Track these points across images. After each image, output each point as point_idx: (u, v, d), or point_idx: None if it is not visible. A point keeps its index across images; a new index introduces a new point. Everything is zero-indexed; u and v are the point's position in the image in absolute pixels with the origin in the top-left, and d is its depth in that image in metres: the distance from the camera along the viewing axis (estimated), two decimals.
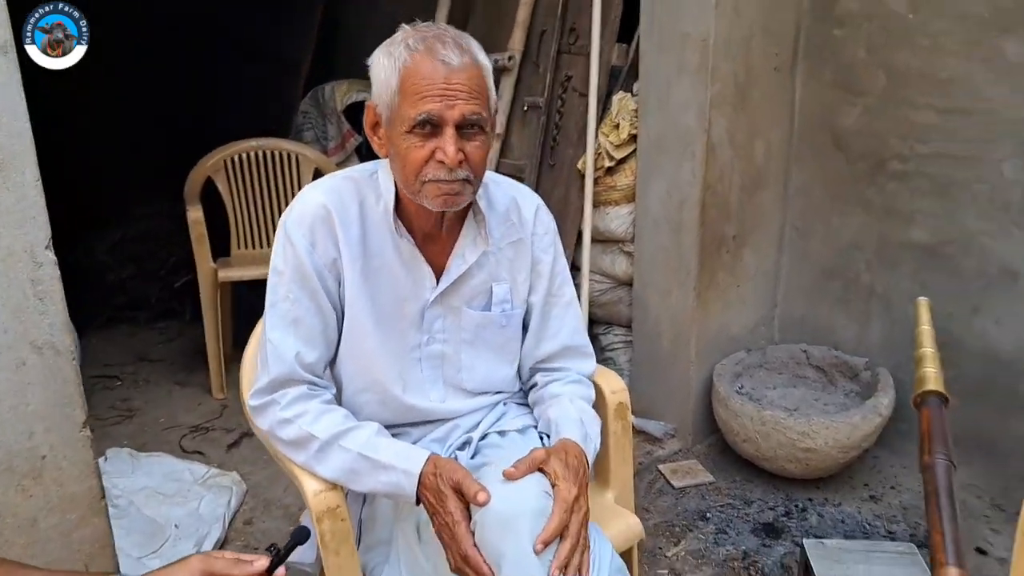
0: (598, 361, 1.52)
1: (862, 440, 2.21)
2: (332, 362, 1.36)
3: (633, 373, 2.73)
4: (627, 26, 2.62)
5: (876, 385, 2.33)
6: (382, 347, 1.32)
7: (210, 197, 2.99)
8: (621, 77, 2.66)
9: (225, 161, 3.07)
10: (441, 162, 1.19)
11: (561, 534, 1.13)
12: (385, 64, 1.22)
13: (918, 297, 1.49)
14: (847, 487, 2.35)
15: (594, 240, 2.71)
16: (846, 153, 2.42)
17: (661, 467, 2.46)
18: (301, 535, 1.03)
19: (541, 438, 1.37)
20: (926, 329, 1.15)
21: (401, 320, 1.33)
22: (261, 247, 3.16)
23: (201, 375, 2.94)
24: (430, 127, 1.19)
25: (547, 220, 1.42)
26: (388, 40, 1.25)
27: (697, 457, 2.53)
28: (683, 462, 2.50)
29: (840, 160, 2.44)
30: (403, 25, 1.26)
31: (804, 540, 1.82)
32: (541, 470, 1.18)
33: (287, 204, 3.58)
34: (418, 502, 1.19)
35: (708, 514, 2.25)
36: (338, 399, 1.36)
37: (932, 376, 1.09)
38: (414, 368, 1.35)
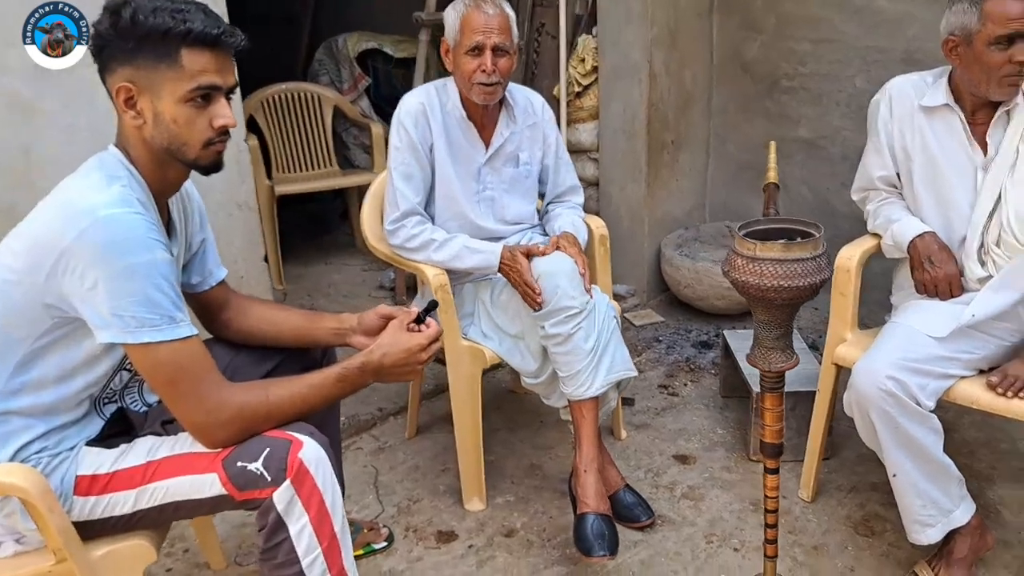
0: None
1: None
2: (427, 205, 2.17)
3: None
4: None
5: None
6: (459, 191, 2.14)
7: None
8: (583, 22, 3.47)
9: (262, 101, 3.81)
10: (483, 71, 2.01)
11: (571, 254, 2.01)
12: (451, 14, 2.05)
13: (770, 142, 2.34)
14: None
15: (569, 151, 3.53)
16: (751, 76, 3.29)
17: (626, 315, 3.35)
18: (433, 304, 1.60)
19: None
20: (772, 156, 2.01)
21: (467, 175, 2.15)
22: (295, 171, 3.92)
23: None
24: (477, 50, 2.01)
25: (550, 110, 2.28)
26: (453, 1, 2.06)
27: (652, 308, 3.42)
28: (642, 311, 3.39)
29: (747, 82, 3.31)
30: None
31: (724, 331, 2.72)
32: (558, 248, 2.04)
33: (314, 135, 4.47)
34: (499, 271, 2.01)
35: (660, 338, 3.15)
36: None
37: (772, 176, 1.96)
38: (476, 207, 2.18)
